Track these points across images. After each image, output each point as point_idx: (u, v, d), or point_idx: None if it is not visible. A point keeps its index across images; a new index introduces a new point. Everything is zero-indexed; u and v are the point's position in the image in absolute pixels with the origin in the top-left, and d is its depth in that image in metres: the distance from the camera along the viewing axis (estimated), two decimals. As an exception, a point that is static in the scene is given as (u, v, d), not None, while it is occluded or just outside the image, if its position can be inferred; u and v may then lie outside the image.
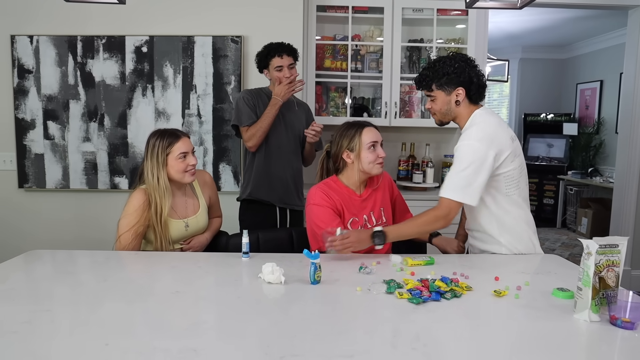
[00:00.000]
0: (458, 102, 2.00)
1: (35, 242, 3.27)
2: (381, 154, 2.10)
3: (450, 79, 1.97)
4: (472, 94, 2.00)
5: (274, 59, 2.74)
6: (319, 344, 1.19)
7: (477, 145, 1.88)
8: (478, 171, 1.86)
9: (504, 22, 5.95)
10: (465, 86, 1.98)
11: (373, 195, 2.17)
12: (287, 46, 2.76)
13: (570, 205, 6.78)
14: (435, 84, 2.00)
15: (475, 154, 1.87)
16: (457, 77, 1.97)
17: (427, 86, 2.03)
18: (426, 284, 1.57)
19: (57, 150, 3.35)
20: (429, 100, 2.07)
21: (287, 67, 2.74)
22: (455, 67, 1.97)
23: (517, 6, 1.88)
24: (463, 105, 2.01)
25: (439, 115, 2.06)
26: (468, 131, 1.95)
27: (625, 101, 4.22)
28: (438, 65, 1.99)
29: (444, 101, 2.01)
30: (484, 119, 1.97)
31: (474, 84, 1.98)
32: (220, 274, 1.77)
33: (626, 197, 4.12)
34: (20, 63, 3.29)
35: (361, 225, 2.11)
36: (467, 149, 1.89)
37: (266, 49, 2.77)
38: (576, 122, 7.17)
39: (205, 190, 2.30)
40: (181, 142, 2.11)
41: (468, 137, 1.91)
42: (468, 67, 1.98)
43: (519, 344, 1.23)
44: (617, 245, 1.37)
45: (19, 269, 1.80)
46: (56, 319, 1.32)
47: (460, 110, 2.02)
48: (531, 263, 1.95)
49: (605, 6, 3.93)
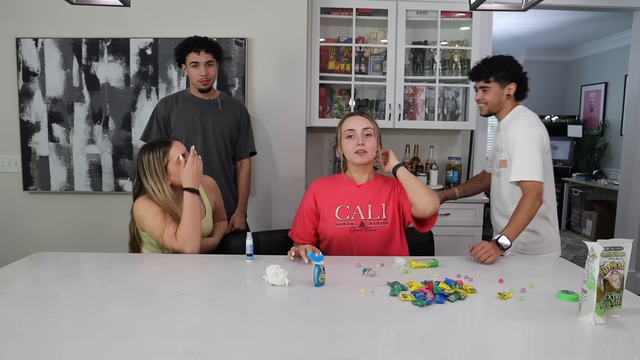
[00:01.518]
0: (509, 95, 2.25)
1: (39, 245, 3.28)
2: (359, 142, 2.03)
3: (507, 74, 2.23)
4: (519, 91, 2.27)
5: (191, 54, 2.59)
6: (323, 346, 1.18)
7: (533, 131, 2.13)
8: (540, 152, 2.12)
9: (508, 24, 5.94)
10: (517, 82, 2.24)
11: (375, 188, 2.11)
12: (208, 42, 2.62)
13: (574, 207, 6.75)
14: (494, 76, 2.23)
15: (534, 138, 2.12)
16: (513, 73, 2.23)
17: (486, 77, 2.25)
18: (430, 287, 1.57)
19: (61, 152, 3.36)
20: (480, 91, 2.29)
21: (204, 64, 2.59)
22: (513, 64, 2.24)
23: (522, 8, 1.87)
24: (511, 99, 2.27)
25: (489, 105, 2.28)
26: (518, 120, 2.19)
27: (630, 103, 4.20)
28: (497, 61, 2.25)
29: (497, 93, 2.25)
30: (527, 111, 2.27)
31: (523, 82, 2.27)
32: (224, 276, 1.77)
33: (631, 200, 4.10)
34: (25, 66, 3.30)
35: (350, 214, 2.07)
36: (527, 135, 2.13)
37: (184, 42, 2.62)
38: (581, 124, 7.15)
39: (210, 195, 2.29)
40: (174, 146, 2.08)
41: (521, 125, 2.16)
42: (520, 69, 2.26)
43: (523, 346, 1.22)
44: (621, 247, 1.36)
45: (23, 272, 1.80)
46: (61, 321, 1.32)
47: (507, 104, 2.28)
48: (535, 265, 1.95)
49: (610, 8, 3.92)
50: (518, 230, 2.02)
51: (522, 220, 2.03)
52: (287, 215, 2.26)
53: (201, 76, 2.61)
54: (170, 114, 2.70)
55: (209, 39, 2.65)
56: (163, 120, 2.71)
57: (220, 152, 2.75)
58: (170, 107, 2.70)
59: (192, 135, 2.68)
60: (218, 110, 2.75)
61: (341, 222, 2.08)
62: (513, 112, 2.27)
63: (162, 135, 2.70)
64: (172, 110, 2.69)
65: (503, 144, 2.24)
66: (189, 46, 2.60)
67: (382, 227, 2.07)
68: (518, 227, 2.02)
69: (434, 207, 1.97)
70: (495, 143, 2.36)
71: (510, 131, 2.17)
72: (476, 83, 2.31)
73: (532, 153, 2.10)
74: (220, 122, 2.74)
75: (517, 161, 2.12)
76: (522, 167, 2.10)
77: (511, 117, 2.25)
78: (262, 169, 3.34)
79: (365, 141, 2.04)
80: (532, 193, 2.05)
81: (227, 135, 2.76)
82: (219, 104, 2.76)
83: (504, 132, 2.25)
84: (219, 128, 2.73)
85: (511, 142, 2.16)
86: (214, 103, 2.75)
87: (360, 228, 2.06)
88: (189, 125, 2.69)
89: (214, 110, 2.74)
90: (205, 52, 2.60)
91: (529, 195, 2.05)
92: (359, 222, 2.07)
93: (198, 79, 2.62)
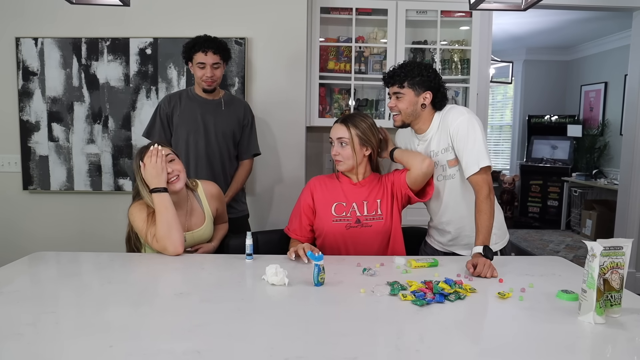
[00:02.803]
0: (424, 105, 2.10)
1: (39, 244, 3.28)
2: (334, 152, 2.11)
3: (423, 81, 2.08)
4: (436, 101, 2.12)
5: (198, 54, 2.55)
6: (323, 345, 1.19)
7: (473, 117, 2.05)
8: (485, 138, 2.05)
9: (508, 23, 5.94)
10: (433, 92, 2.10)
11: (371, 185, 2.15)
12: (216, 43, 2.58)
13: (574, 207, 6.76)
14: (409, 81, 2.08)
15: (477, 124, 2.04)
16: (429, 81, 2.08)
17: (400, 81, 2.09)
18: (430, 286, 1.57)
19: (61, 152, 3.36)
20: (393, 98, 2.13)
21: (211, 66, 2.56)
22: (430, 72, 2.10)
23: (521, 8, 1.88)
24: (427, 109, 2.12)
25: (403, 115, 2.12)
26: (453, 113, 2.08)
27: (629, 103, 4.21)
28: (413, 66, 2.09)
29: (412, 101, 2.09)
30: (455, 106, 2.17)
31: (440, 92, 2.12)
32: (224, 276, 1.77)
33: (631, 199, 4.10)
34: (25, 65, 3.30)
35: (346, 211, 2.10)
36: (472, 122, 2.03)
37: (193, 41, 2.59)
38: (580, 123, 7.15)
39: (212, 202, 2.26)
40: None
41: (462, 113, 2.06)
42: (437, 77, 2.12)
43: (523, 346, 1.22)
44: (621, 247, 1.36)
45: (23, 271, 1.81)
46: (60, 321, 1.33)
47: (423, 114, 2.12)
48: (535, 265, 1.95)
49: (610, 8, 3.92)
50: (489, 234, 1.96)
51: (488, 222, 1.95)
52: (287, 215, 2.26)
53: (206, 77, 2.59)
54: (173, 111, 2.68)
55: (218, 40, 2.61)
56: (166, 117, 2.69)
57: (222, 152, 2.73)
58: (174, 104, 2.68)
59: (194, 134, 2.67)
60: (221, 111, 2.73)
61: (337, 219, 2.09)
62: (437, 117, 2.13)
63: (164, 132, 2.69)
64: (175, 108, 2.68)
65: (443, 144, 2.10)
66: (197, 45, 2.57)
67: (377, 222, 2.09)
68: (488, 230, 1.95)
69: (428, 162, 2.03)
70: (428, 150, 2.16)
71: (451, 125, 2.05)
72: (390, 88, 2.15)
73: (481, 138, 2.01)
74: (223, 123, 2.71)
75: (470, 150, 2.00)
76: (479, 154, 1.99)
77: (439, 119, 2.13)
78: (261, 169, 3.34)
79: (340, 151, 2.10)
80: (483, 189, 1.97)
81: (230, 135, 2.74)
82: (222, 104, 2.73)
83: (439, 133, 2.12)
84: (221, 128, 2.70)
85: (456, 134, 2.04)
86: (218, 103, 2.73)
87: (356, 224, 2.09)
88: (191, 124, 2.68)
89: (217, 110, 2.72)
90: (213, 53, 2.56)
91: (482, 193, 1.97)
92: (355, 219, 2.09)
93: (203, 79, 2.61)
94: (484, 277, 1.74)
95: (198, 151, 2.68)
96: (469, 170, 2.01)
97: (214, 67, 2.59)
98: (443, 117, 2.11)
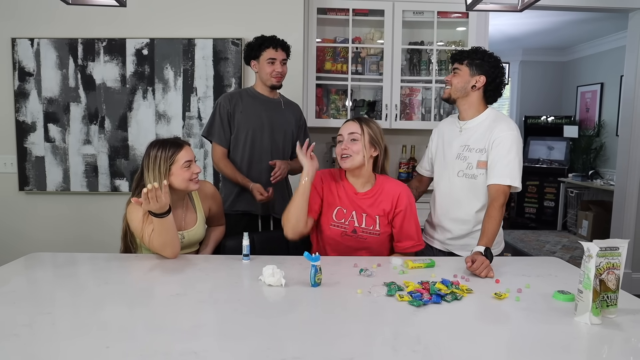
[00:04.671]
0: (475, 87, 2.14)
1: (35, 245, 3.27)
2: (344, 147, 2.07)
3: (482, 65, 2.13)
4: (488, 89, 2.16)
5: (268, 50, 2.61)
6: (320, 346, 1.18)
7: (520, 138, 2.09)
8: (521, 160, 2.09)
9: (504, 24, 5.96)
10: (488, 78, 2.13)
11: (372, 198, 2.11)
12: (282, 41, 2.65)
13: (570, 207, 6.77)
14: (468, 60, 2.15)
15: (520, 145, 2.09)
16: (488, 66, 2.13)
17: (461, 59, 2.17)
18: (427, 287, 1.57)
19: (57, 152, 3.35)
20: (452, 73, 2.20)
21: (280, 62, 2.63)
22: (492, 60, 2.15)
23: (518, 9, 1.88)
24: (476, 94, 2.16)
25: (452, 89, 2.18)
26: (503, 123, 2.11)
27: (625, 104, 4.22)
28: (479, 50, 2.17)
29: (465, 79, 2.15)
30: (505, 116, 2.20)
31: (495, 82, 2.15)
32: (221, 277, 1.77)
33: (627, 200, 4.11)
34: (21, 66, 3.29)
35: (345, 218, 2.09)
36: (517, 140, 2.08)
37: (260, 39, 2.65)
38: (577, 124, 7.17)
39: (205, 202, 2.26)
40: (184, 150, 2.07)
41: (511, 129, 2.09)
42: (498, 69, 2.15)
43: (519, 346, 1.22)
44: (617, 247, 1.37)
45: (19, 272, 1.80)
46: (57, 321, 1.32)
47: (471, 97, 2.17)
48: (532, 266, 1.95)
49: (606, 9, 3.94)
50: (493, 238, 1.97)
51: (496, 228, 1.97)
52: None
53: (276, 72, 2.64)
54: (235, 109, 2.67)
55: (283, 39, 2.68)
56: (227, 115, 2.67)
57: (286, 149, 2.77)
58: (235, 102, 2.68)
59: (258, 131, 2.68)
60: (282, 110, 2.76)
61: (335, 224, 2.09)
62: (488, 114, 2.17)
63: (223, 130, 2.68)
64: (237, 105, 2.68)
65: (481, 145, 2.13)
66: (266, 42, 2.62)
67: (373, 237, 2.10)
68: (493, 235, 1.96)
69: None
70: (465, 143, 2.19)
71: (499, 134, 2.08)
72: (452, 65, 2.23)
73: (520, 160, 2.08)
74: (285, 121, 2.76)
75: (506, 165, 2.04)
76: (512, 172, 2.04)
77: (487, 118, 2.16)
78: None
79: (350, 145, 2.07)
80: (500, 199, 2.01)
81: (290, 134, 2.78)
82: (282, 103, 2.78)
83: (483, 132, 2.14)
84: (283, 126, 2.75)
85: (498, 143, 2.07)
86: (278, 102, 2.77)
87: (351, 234, 2.09)
88: (255, 121, 2.68)
89: (278, 109, 2.76)
90: (282, 49, 2.64)
91: (498, 202, 2.00)
92: (352, 228, 2.09)
93: (273, 74, 2.65)
94: (479, 275, 1.74)
95: (263, 147, 2.70)
96: (495, 180, 2.04)
97: (283, 63, 2.66)
98: (493, 120, 2.14)
